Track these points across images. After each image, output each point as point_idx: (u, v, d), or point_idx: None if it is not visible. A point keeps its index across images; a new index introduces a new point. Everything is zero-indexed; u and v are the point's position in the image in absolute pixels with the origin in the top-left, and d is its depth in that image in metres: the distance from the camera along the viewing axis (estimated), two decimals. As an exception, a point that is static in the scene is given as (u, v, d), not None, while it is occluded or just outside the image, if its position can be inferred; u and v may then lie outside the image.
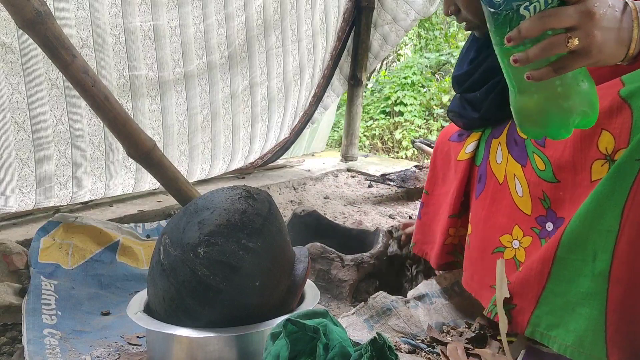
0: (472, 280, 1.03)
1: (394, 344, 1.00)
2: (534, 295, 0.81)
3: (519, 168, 0.92)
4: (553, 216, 0.86)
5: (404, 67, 5.65)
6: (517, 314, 0.85)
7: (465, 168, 1.07)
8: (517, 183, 0.92)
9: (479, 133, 1.07)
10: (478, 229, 1.02)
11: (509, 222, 0.94)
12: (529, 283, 0.82)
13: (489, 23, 0.65)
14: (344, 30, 2.60)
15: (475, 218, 1.04)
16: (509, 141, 0.97)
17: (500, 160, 0.97)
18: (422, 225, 1.25)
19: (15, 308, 1.10)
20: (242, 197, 0.91)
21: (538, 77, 0.62)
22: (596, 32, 0.60)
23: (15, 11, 1.09)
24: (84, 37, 1.59)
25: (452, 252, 1.15)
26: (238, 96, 2.15)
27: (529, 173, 0.89)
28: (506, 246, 0.95)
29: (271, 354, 0.72)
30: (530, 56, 0.61)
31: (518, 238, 0.92)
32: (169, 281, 0.86)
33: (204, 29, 1.93)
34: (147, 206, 1.80)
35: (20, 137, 1.52)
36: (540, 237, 0.88)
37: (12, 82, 1.47)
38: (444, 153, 1.18)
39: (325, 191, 2.39)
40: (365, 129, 5.17)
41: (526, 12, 0.61)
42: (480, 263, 1.01)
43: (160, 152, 1.38)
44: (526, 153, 0.90)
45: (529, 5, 0.61)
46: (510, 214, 0.94)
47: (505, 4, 0.62)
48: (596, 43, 0.61)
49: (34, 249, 1.27)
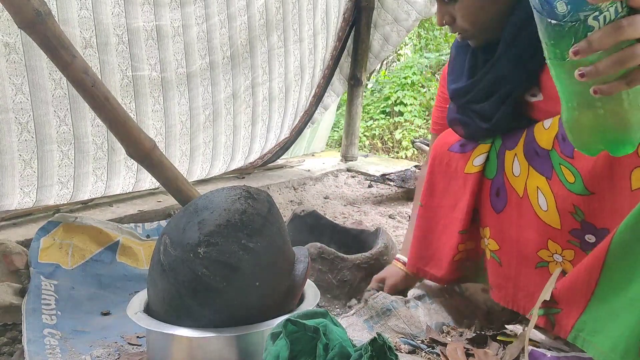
0: (517, 297, 0.99)
1: (394, 344, 1.00)
2: (582, 301, 0.80)
3: (543, 180, 0.89)
4: (591, 228, 0.84)
5: (404, 67, 5.65)
6: (562, 319, 0.83)
7: (475, 182, 1.03)
8: (541, 196, 0.90)
9: (488, 145, 1.02)
10: (511, 246, 0.98)
11: (541, 237, 0.92)
12: (576, 290, 0.81)
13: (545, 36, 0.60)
14: (344, 30, 2.60)
15: (501, 234, 1.00)
16: (528, 152, 0.93)
17: (518, 173, 0.94)
18: (417, 240, 1.16)
19: (15, 308, 1.10)
20: (242, 197, 0.91)
21: (607, 91, 0.58)
22: None
23: (15, 11, 1.09)
24: (87, 38, 1.59)
25: (461, 267, 1.11)
26: (240, 96, 2.15)
27: (556, 186, 0.87)
28: (548, 260, 0.93)
29: (271, 354, 0.72)
30: (601, 69, 0.57)
31: (558, 252, 0.91)
32: (169, 281, 0.86)
33: (206, 29, 1.93)
34: (147, 206, 1.80)
35: (23, 138, 1.52)
36: (583, 250, 0.87)
37: (15, 82, 1.46)
38: (443, 164, 1.11)
39: (325, 191, 2.39)
40: (365, 129, 5.16)
41: (595, 23, 0.56)
42: (523, 279, 0.97)
43: (160, 152, 1.38)
44: (551, 165, 0.87)
45: (599, 15, 0.55)
46: (538, 228, 0.92)
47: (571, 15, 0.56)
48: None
49: (33, 249, 1.27)
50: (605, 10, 0.55)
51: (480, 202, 1.04)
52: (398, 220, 2.02)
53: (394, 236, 1.73)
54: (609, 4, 0.55)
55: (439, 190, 1.12)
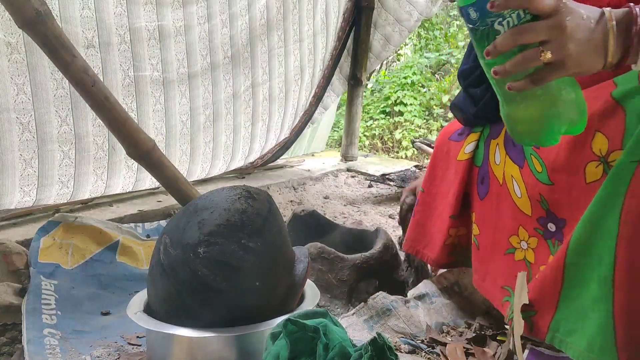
0: (484, 281, 1.02)
1: (394, 344, 1.00)
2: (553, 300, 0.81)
3: (516, 169, 0.92)
4: (554, 217, 0.86)
5: (404, 67, 5.65)
6: (538, 320, 0.84)
7: (465, 168, 1.08)
8: (515, 184, 0.93)
9: (478, 133, 1.07)
10: (488, 231, 1.02)
11: (514, 223, 0.94)
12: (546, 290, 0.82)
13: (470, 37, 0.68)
14: (344, 30, 2.60)
15: (482, 219, 1.03)
16: (506, 142, 0.97)
17: (498, 161, 0.98)
18: (416, 223, 1.23)
19: (15, 308, 1.10)
20: (242, 197, 0.91)
21: (518, 88, 0.64)
22: (569, 44, 0.62)
23: (15, 11, 1.09)
24: (89, 37, 1.58)
25: (452, 252, 1.15)
26: (240, 96, 2.15)
27: (526, 175, 0.89)
28: (516, 247, 0.95)
29: (271, 354, 0.72)
30: (508, 69, 0.64)
31: (525, 239, 0.92)
32: (169, 281, 0.86)
33: (208, 29, 1.93)
34: (147, 206, 1.80)
35: (24, 138, 1.52)
36: (545, 238, 0.88)
37: (17, 82, 1.46)
38: (443, 152, 1.18)
39: (325, 191, 2.39)
40: (365, 129, 5.17)
41: (500, 27, 0.63)
42: (492, 264, 1.00)
43: (160, 152, 1.38)
44: (524, 155, 0.90)
45: (502, 20, 0.63)
46: (513, 215, 0.94)
47: (481, 20, 0.64)
48: (570, 55, 0.62)
49: (33, 249, 1.27)
50: (508, 16, 0.62)
51: (470, 189, 1.08)
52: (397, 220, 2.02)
53: (394, 236, 1.72)
54: (511, 11, 0.62)
55: (439, 178, 1.18)
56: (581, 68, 0.64)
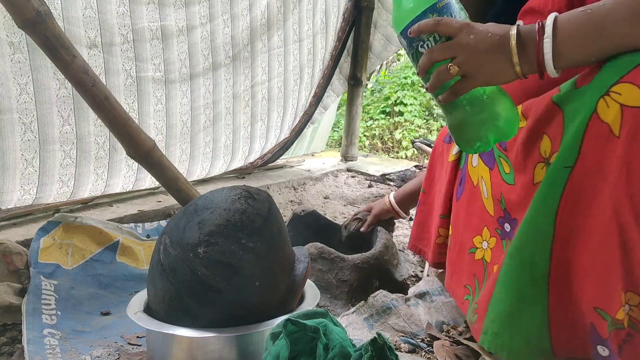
0: (451, 280, 1.06)
1: (394, 343, 1.00)
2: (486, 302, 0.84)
3: (486, 171, 0.94)
4: (509, 217, 0.88)
5: (404, 67, 5.66)
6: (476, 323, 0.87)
7: (452, 169, 1.10)
8: (484, 185, 0.95)
9: None
10: (458, 231, 1.04)
11: (480, 224, 0.96)
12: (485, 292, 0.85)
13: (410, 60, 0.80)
14: (344, 30, 2.59)
15: (455, 220, 1.07)
16: None
17: (475, 163, 1.00)
18: (418, 223, 1.28)
19: (15, 308, 1.10)
20: (242, 197, 0.91)
21: (443, 100, 0.76)
22: (473, 58, 0.71)
23: (15, 11, 1.09)
24: (91, 37, 1.58)
25: (442, 252, 1.17)
26: (240, 96, 2.15)
27: (494, 176, 0.92)
28: (477, 247, 0.97)
29: (271, 354, 0.72)
30: (431, 85, 0.75)
31: (487, 239, 0.95)
32: (169, 281, 0.86)
33: (210, 29, 1.93)
34: (147, 206, 1.80)
35: (26, 138, 1.52)
36: (502, 238, 0.90)
37: (20, 82, 1.46)
38: (438, 153, 1.21)
39: (325, 191, 2.39)
40: (365, 129, 5.17)
41: (423, 50, 0.75)
42: (458, 263, 1.03)
43: (160, 152, 1.38)
44: (494, 157, 0.92)
45: (423, 44, 0.75)
46: (480, 215, 0.96)
47: (409, 46, 0.77)
48: (474, 67, 0.71)
49: (33, 249, 1.27)
50: (427, 40, 0.74)
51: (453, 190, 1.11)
52: (398, 220, 2.01)
53: (394, 236, 1.72)
54: (428, 35, 0.74)
55: (435, 178, 1.22)
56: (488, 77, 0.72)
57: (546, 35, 0.67)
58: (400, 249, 1.60)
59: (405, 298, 1.13)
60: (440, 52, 0.73)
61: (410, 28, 0.74)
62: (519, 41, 0.69)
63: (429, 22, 0.72)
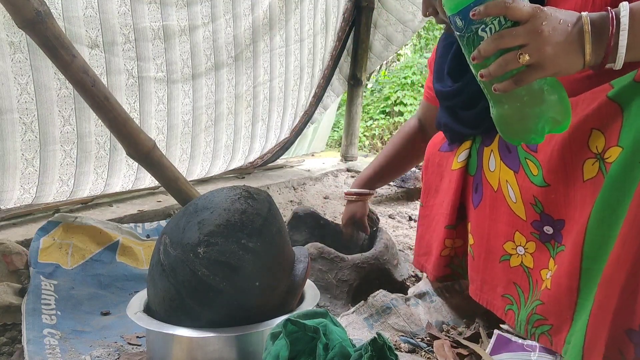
0: (482, 291, 1.02)
1: (394, 343, 1.00)
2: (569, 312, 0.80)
3: (511, 174, 0.92)
4: (549, 220, 0.86)
5: (403, 67, 5.66)
6: (554, 334, 0.83)
7: (459, 177, 1.07)
8: (510, 189, 0.93)
9: (469, 142, 1.07)
10: (482, 239, 1.01)
11: (509, 229, 0.94)
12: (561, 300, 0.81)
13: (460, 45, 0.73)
14: (344, 30, 2.60)
15: (476, 228, 1.03)
16: (501, 148, 0.97)
17: (493, 168, 0.98)
18: (420, 238, 1.26)
19: (15, 308, 1.10)
20: (242, 197, 0.91)
21: (502, 89, 0.69)
22: (546, 47, 0.66)
23: (15, 11, 1.09)
24: (93, 37, 1.58)
25: (449, 264, 1.14)
26: (241, 96, 2.15)
27: (521, 179, 0.90)
28: (511, 253, 0.94)
29: (271, 354, 0.72)
30: (492, 72, 0.68)
31: (522, 244, 0.92)
32: (169, 281, 0.86)
33: (212, 29, 1.93)
34: (147, 206, 1.80)
35: (27, 138, 1.52)
36: (543, 242, 0.88)
37: (20, 82, 1.45)
38: (435, 164, 1.18)
39: (325, 191, 2.39)
40: (365, 129, 5.17)
41: (484, 34, 0.68)
42: (489, 273, 1.00)
43: (160, 152, 1.38)
44: (518, 160, 0.91)
45: (485, 27, 0.68)
46: (508, 220, 0.94)
47: (466, 28, 0.70)
48: (546, 57, 0.66)
49: (33, 249, 1.26)
50: (490, 23, 0.68)
51: (465, 198, 1.08)
52: (398, 220, 2.02)
53: (393, 236, 1.73)
54: (492, 18, 0.67)
55: (433, 190, 1.19)
56: (559, 68, 0.67)
57: (622, 27, 0.65)
58: (400, 249, 1.60)
59: (405, 298, 1.13)
60: (512, 38, 0.66)
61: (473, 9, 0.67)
62: (593, 31, 0.66)
63: (498, 3, 0.66)
